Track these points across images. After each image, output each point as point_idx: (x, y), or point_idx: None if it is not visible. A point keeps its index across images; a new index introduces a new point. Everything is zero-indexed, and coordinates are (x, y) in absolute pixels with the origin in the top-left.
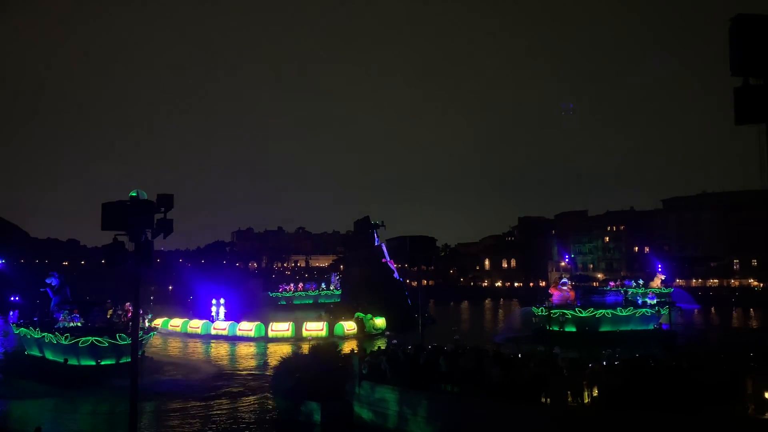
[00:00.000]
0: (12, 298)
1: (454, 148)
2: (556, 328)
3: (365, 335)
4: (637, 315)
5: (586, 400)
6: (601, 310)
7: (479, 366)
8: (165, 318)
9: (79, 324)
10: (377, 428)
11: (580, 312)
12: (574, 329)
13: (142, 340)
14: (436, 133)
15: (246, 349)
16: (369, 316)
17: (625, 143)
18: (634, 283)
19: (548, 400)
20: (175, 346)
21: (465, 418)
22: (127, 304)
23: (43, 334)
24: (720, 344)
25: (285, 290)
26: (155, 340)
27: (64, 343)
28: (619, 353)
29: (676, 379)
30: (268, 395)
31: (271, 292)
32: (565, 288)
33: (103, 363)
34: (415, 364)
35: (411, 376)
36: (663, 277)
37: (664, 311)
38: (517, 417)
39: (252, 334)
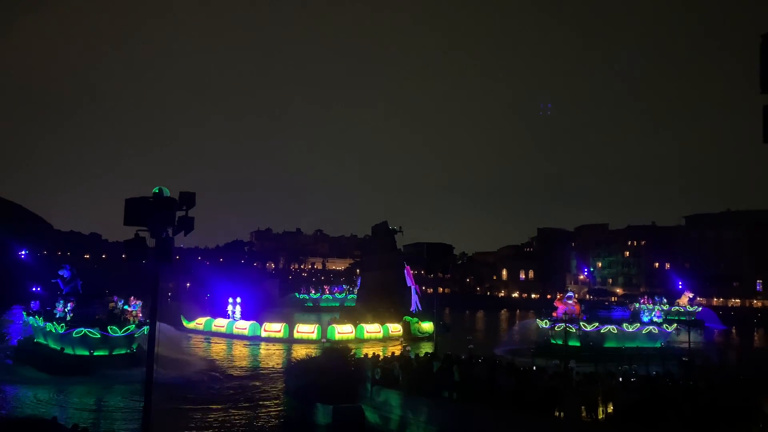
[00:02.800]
0: (33, 289)
1: (475, 157)
2: (559, 342)
3: (411, 338)
4: (643, 332)
5: (600, 416)
6: (606, 326)
7: (492, 376)
8: (208, 318)
9: (69, 316)
10: None
11: (585, 326)
12: (578, 344)
13: (136, 333)
14: (457, 141)
15: (306, 351)
16: (415, 319)
17: (648, 159)
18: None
19: (561, 413)
20: (219, 349)
21: (473, 427)
22: (132, 298)
23: (45, 323)
24: (740, 365)
25: (312, 292)
26: (197, 342)
27: (60, 332)
28: (635, 369)
29: (692, 399)
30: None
31: (299, 294)
32: (570, 302)
33: (96, 354)
34: (428, 372)
35: (423, 383)
36: (691, 295)
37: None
38: (529, 429)
39: (314, 336)
